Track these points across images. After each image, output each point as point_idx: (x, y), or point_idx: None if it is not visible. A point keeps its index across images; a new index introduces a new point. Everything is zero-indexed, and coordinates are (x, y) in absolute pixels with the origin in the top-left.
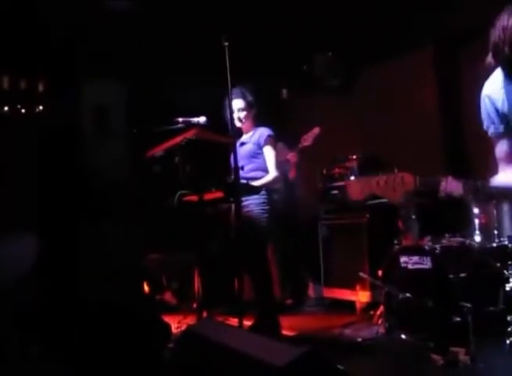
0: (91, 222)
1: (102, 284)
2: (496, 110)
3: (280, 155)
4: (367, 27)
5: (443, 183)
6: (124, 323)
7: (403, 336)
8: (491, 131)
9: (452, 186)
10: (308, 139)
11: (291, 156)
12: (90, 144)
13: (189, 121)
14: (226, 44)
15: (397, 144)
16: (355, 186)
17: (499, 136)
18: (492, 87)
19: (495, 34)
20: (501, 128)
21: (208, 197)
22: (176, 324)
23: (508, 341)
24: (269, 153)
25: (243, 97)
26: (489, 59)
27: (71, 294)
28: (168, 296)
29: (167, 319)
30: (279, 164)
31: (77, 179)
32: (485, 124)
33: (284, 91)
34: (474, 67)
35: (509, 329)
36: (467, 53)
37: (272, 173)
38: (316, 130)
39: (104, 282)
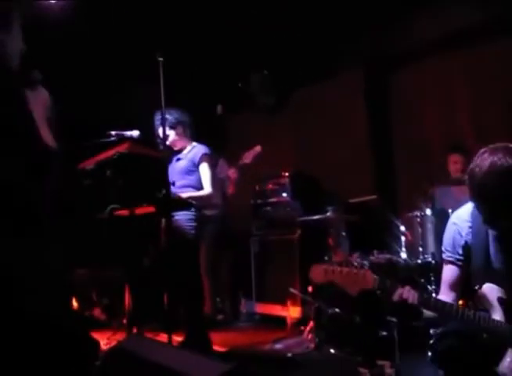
0: (15, 236)
1: (26, 299)
2: (459, 239)
3: (221, 171)
4: (302, 48)
5: (400, 290)
6: (49, 340)
7: (332, 350)
8: (446, 255)
9: (408, 295)
10: (248, 157)
11: (231, 172)
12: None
13: (122, 135)
14: (161, 59)
15: (328, 163)
16: (318, 269)
17: (451, 262)
18: (462, 217)
19: (480, 175)
20: (456, 256)
21: (139, 211)
22: (105, 340)
23: (430, 354)
24: (205, 170)
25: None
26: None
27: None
28: (98, 312)
29: (96, 335)
30: (218, 181)
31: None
32: (444, 246)
33: (219, 107)
34: (402, 92)
35: (431, 342)
36: (396, 78)
37: (207, 189)
38: (258, 148)
39: (28, 297)
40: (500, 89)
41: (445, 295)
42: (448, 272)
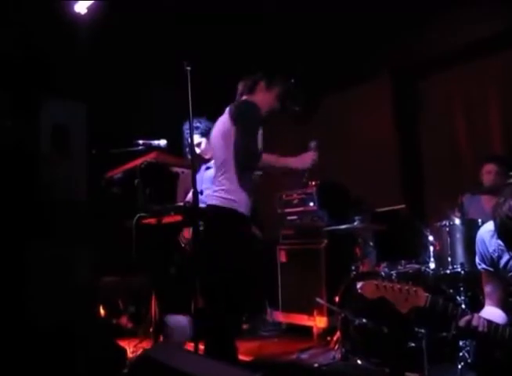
0: (44, 244)
1: (54, 308)
2: (487, 254)
3: None
4: (330, 55)
5: (468, 317)
6: (77, 348)
7: (359, 361)
8: (481, 267)
9: (478, 323)
10: None
11: None
12: (47, 164)
13: (150, 144)
14: (188, 68)
15: (356, 171)
16: (370, 285)
17: (487, 274)
18: (489, 233)
19: (502, 214)
20: (489, 269)
21: (167, 220)
22: (132, 348)
23: (460, 366)
24: None
25: (194, 131)
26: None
27: (20, 320)
28: (124, 320)
29: (123, 343)
30: None
31: (30, 200)
32: (477, 259)
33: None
34: (431, 100)
35: (460, 354)
36: (425, 85)
37: None
38: None
39: (56, 306)
40: None
41: (489, 307)
42: (485, 284)
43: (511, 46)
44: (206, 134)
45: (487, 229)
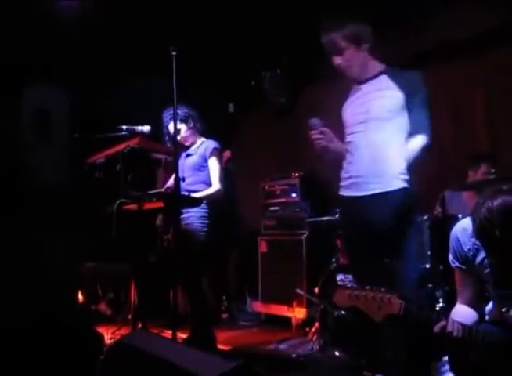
0: (25, 230)
1: (34, 293)
2: (461, 252)
3: None
4: (317, 46)
5: (443, 323)
6: (55, 333)
7: (337, 353)
8: (454, 265)
9: (453, 328)
10: None
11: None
12: (29, 148)
13: (133, 129)
14: (174, 53)
15: (339, 164)
16: (342, 292)
17: (460, 272)
18: (464, 231)
19: (481, 216)
20: (462, 267)
21: (148, 206)
22: (110, 335)
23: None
24: (214, 165)
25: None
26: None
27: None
28: (103, 306)
29: (101, 329)
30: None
31: (12, 185)
32: (451, 257)
33: (231, 105)
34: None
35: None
36: None
37: (216, 186)
38: (227, 153)
39: (36, 291)
40: None
41: (460, 304)
42: (458, 279)
43: (495, 46)
44: (185, 120)
45: (461, 227)
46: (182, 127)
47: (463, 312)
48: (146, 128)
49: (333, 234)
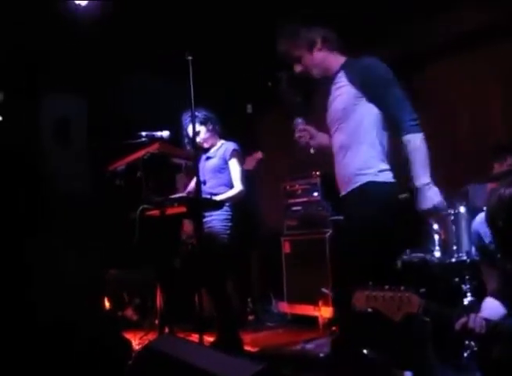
0: (46, 237)
1: (57, 302)
2: (483, 245)
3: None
4: None
5: (464, 319)
6: (82, 341)
7: (365, 351)
8: (479, 258)
9: (475, 324)
10: (249, 164)
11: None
12: (50, 157)
13: (153, 135)
14: (190, 58)
15: None
16: (360, 296)
17: (485, 265)
18: (483, 225)
19: (491, 204)
20: (487, 260)
21: (170, 211)
22: (137, 341)
23: (466, 354)
24: (235, 167)
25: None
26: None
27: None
28: (130, 312)
29: (128, 335)
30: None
31: (32, 194)
32: (475, 251)
33: (249, 106)
34: (430, 89)
35: (466, 342)
36: (424, 74)
37: (238, 187)
38: (258, 155)
39: (60, 299)
40: None
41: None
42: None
43: (509, 36)
44: (204, 122)
45: (480, 219)
46: (202, 129)
47: (490, 306)
48: (166, 134)
49: None
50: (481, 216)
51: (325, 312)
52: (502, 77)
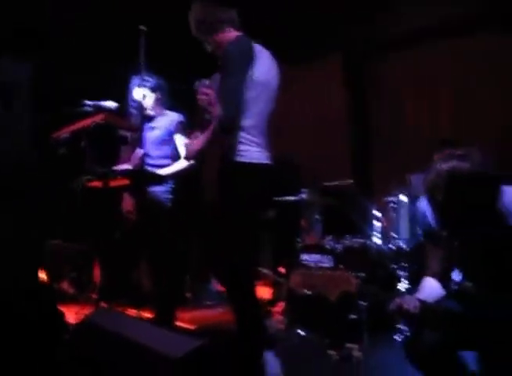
0: None
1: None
2: (429, 225)
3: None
4: (283, 30)
5: (398, 300)
6: (14, 312)
7: (301, 332)
8: (423, 238)
9: (409, 304)
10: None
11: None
12: None
13: (99, 105)
14: (143, 28)
15: (306, 145)
16: (297, 277)
17: (430, 245)
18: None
19: (430, 177)
20: (431, 240)
21: (113, 184)
22: (73, 315)
23: (397, 338)
24: (181, 139)
25: (142, 84)
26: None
27: None
28: (66, 285)
29: (63, 309)
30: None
31: None
32: (420, 231)
33: (197, 82)
34: (382, 80)
35: (398, 326)
36: (376, 65)
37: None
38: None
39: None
40: (479, 83)
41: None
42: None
43: (460, 33)
44: (154, 89)
45: (426, 199)
46: (150, 96)
47: (429, 286)
48: (113, 105)
49: (298, 215)
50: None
51: (264, 292)
52: (452, 75)
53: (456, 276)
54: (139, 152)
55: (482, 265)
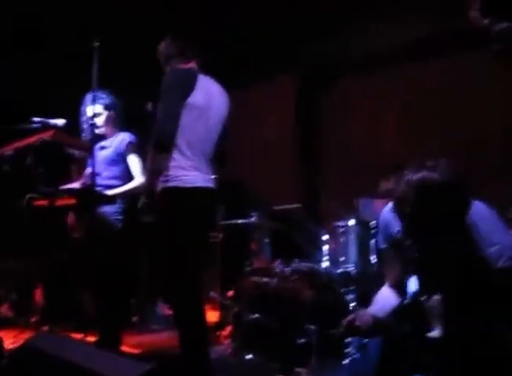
0: None
1: None
2: (390, 234)
3: None
4: (240, 48)
5: (351, 317)
6: None
7: (250, 356)
8: (383, 246)
9: (361, 320)
10: None
11: None
12: None
13: (47, 122)
14: (97, 44)
15: (256, 167)
16: (248, 282)
17: (388, 254)
18: (393, 214)
19: (400, 189)
20: (391, 249)
21: (60, 203)
22: (12, 339)
23: (346, 362)
24: (133, 159)
25: (98, 101)
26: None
27: None
28: (5, 308)
29: (1, 333)
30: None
31: None
32: (380, 239)
33: (149, 104)
34: (334, 104)
35: (347, 350)
36: (330, 87)
37: (138, 179)
38: None
39: None
40: (428, 106)
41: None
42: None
43: (407, 61)
44: (109, 108)
45: (388, 209)
46: (104, 114)
47: (383, 298)
48: (61, 122)
49: (247, 238)
50: (389, 205)
51: (211, 316)
52: (398, 101)
53: (414, 285)
54: (88, 171)
55: (439, 276)
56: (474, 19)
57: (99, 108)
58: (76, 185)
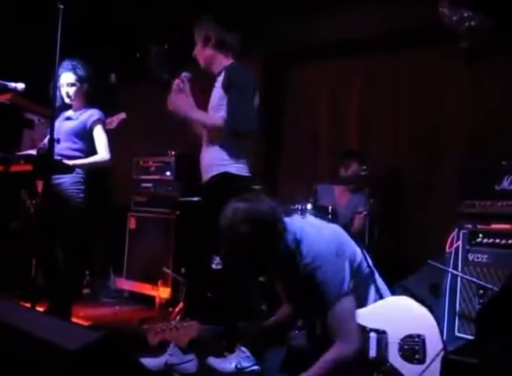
0: None
1: None
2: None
3: None
4: None
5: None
6: None
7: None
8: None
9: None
10: (112, 123)
11: None
12: None
13: (5, 85)
14: (61, 6)
15: None
16: (152, 331)
17: None
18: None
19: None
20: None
21: (15, 168)
22: None
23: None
24: (99, 135)
25: (74, 71)
26: None
27: None
28: None
29: None
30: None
31: None
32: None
33: (113, 75)
34: (297, 88)
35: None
36: (294, 71)
37: (103, 154)
38: (122, 115)
39: None
40: (389, 95)
41: None
42: None
43: (373, 51)
44: (83, 81)
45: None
46: (77, 85)
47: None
48: (20, 86)
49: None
50: None
51: (163, 292)
52: (362, 88)
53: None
54: (47, 139)
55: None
56: (443, 15)
57: (73, 78)
58: (33, 151)
